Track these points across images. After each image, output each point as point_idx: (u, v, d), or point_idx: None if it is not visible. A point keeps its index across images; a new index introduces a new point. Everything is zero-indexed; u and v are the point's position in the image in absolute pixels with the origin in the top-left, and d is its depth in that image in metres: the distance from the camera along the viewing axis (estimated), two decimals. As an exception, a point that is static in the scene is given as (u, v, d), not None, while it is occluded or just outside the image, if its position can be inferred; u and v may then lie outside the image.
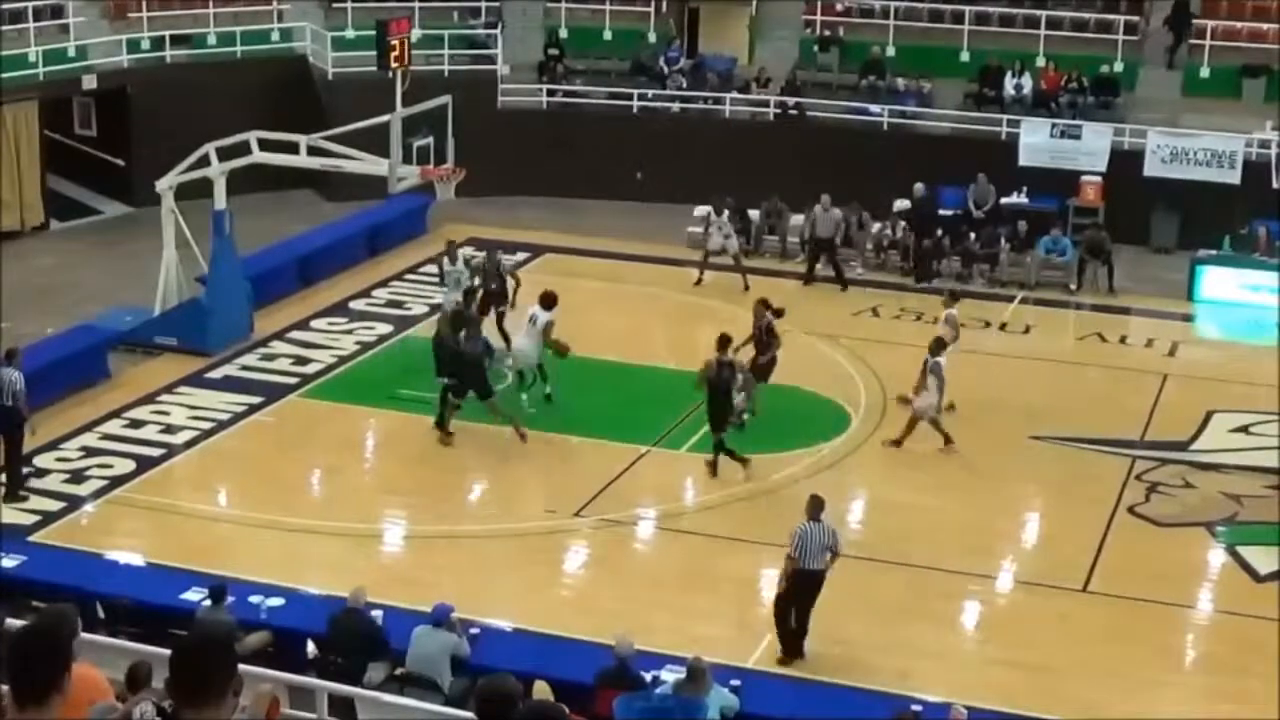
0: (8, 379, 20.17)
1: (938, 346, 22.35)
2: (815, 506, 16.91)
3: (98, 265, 29.70)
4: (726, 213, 29.19)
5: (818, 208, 29.61)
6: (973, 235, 30.24)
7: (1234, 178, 30.66)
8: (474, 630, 15.96)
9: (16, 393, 20.15)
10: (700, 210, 31.26)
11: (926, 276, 29.63)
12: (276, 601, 16.93)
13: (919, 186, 29.96)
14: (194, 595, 16.64)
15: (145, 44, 33.41)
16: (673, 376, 24.36)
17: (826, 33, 35.72)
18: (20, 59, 31.17)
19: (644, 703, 13.72)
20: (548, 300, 23.20)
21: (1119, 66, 33.49)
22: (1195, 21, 33.50)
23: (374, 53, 25.84)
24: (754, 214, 31.05)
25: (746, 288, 28.22)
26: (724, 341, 21.77)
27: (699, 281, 28.97)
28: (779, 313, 23.43)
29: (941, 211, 31.22)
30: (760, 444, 22.47)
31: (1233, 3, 33.94)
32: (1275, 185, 30.15)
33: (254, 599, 16.83)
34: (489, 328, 23.96)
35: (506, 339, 24.55)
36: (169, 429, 22.83)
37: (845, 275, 29.50)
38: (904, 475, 22.01)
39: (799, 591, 16.91)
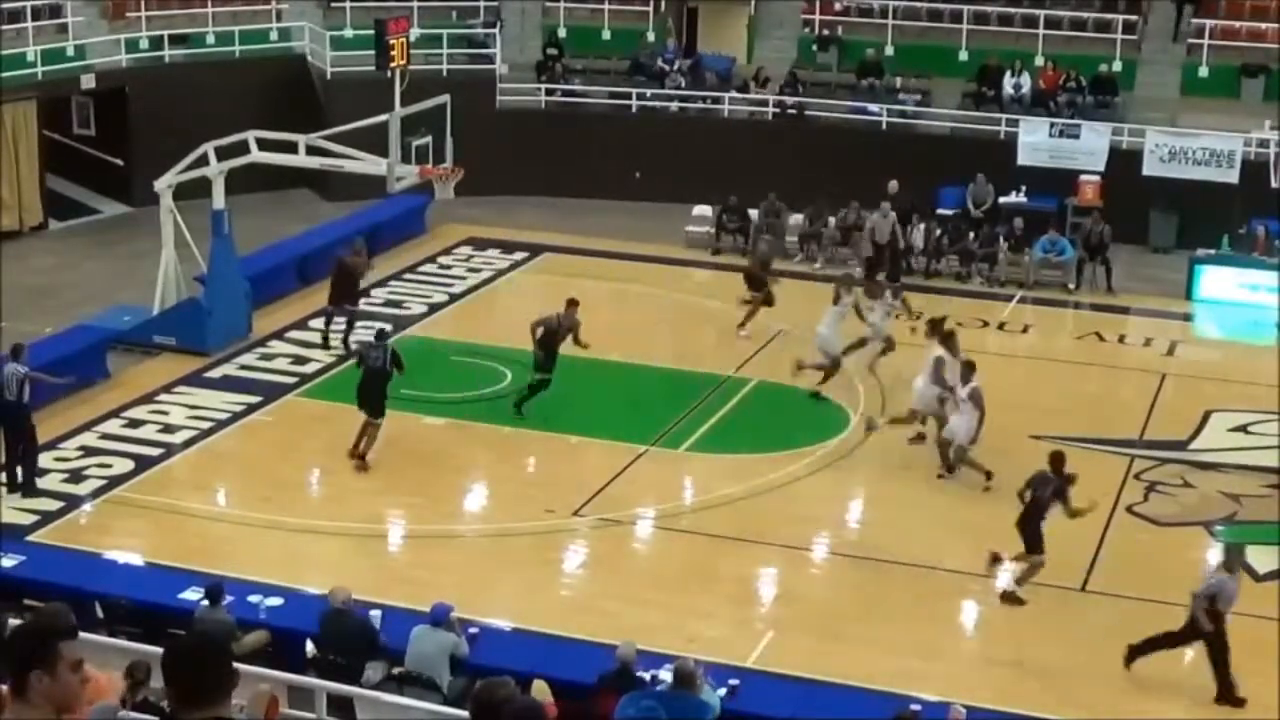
0: (10, 374, 20.23)
1: (968, 371, 21.44)
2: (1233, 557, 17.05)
3: (96, 265, 29.70)
4: (889, 294, 25.59)
5: (876, 214, 29.37)
6: (972, 235, 30.24)
7: (1232, 177, 30.65)
8: (472, 630, 15.95)
9: (21, 387, 20.21)
10: (700, 210, 31.29)
11: (896, 275, 29.56)
12: (275, 601, 16.93)
13: (893, 184, 29.83)
14: (192, 595, 16.60)
15: (144, 44, 33.41)
16: (671, 376, 24.37)
17: (825, 32, 35.71)
18: (19, 59, 31.17)
19: (651, 700, 13.70)
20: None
21: (1117, 66, 33.46)
22: (1194, 21, 33.51)
23: (373, 52, 25.84)
24: (754, 213, 31.05)
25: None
26: None
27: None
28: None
29: (940, 211, 31.23)
30: (760, 444, 22.49)
31: (1231, 2, 33.94)
32: (1274, 184, 30.14)
33: (253, 598, 16.84)
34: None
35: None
36: (168, 429, 22.83)
37: (900, 275, 29.22)
38: (902, 475, 21.99)
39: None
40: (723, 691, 14.82)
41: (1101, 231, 29.39)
